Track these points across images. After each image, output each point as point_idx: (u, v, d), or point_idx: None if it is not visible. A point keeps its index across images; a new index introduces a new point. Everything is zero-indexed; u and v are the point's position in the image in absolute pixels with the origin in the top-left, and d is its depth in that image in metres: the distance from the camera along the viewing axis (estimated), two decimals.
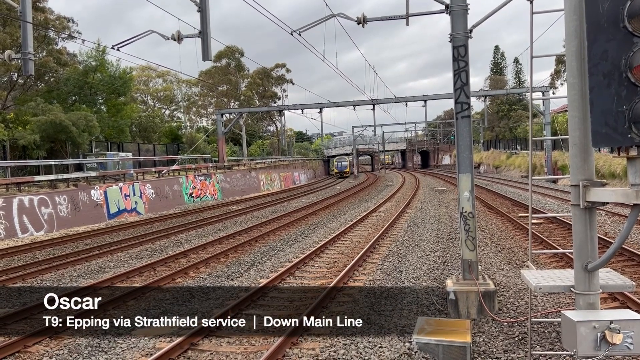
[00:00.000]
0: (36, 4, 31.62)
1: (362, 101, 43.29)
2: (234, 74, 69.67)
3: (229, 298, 9.20)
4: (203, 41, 14.66)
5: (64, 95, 37.49)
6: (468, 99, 8.17)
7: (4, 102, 37.74)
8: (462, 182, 8.18)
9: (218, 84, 66.76)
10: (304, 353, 6.38)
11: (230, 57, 66.50)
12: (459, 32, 8.17)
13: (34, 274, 12.09)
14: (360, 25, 10.43)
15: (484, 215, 19.42)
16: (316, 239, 15.66)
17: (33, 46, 14.61)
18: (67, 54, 39.83)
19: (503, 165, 58.51)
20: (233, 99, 69.43)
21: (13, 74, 37.23)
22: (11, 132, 28.50)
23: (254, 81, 71.08)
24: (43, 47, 36.27)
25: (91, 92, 38.72)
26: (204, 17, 14.71)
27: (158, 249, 15.20)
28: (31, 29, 13.78)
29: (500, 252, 12.54)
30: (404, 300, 8.49)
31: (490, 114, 69.16)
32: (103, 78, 38.98)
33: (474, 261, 8.10)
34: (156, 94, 69.29)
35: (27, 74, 14.61)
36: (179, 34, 15.33)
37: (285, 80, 74.43)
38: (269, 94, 72.88)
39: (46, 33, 35.42)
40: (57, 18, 37.28)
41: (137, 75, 59.28)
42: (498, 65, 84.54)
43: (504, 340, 6.78)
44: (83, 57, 40.55)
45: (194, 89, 72.85)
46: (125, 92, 42.30)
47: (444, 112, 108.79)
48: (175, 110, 71.48)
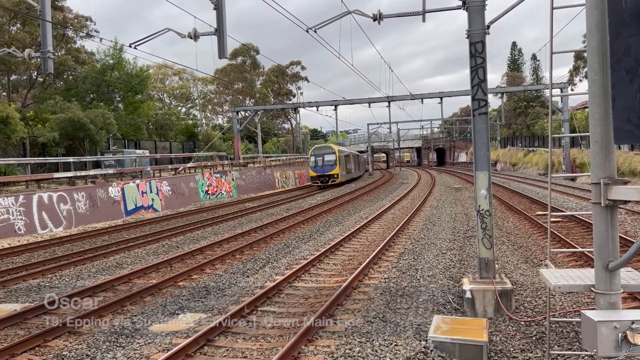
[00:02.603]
0: (55, 3, 32.01)
1: (378, 98, 43.12)
2: (249, 71, 69.89)
3: (245, 295, 9.24)
4: (219, 39, 14.71)
5: (82, 93, 37.98)
6: (485, 95, 8.08)
7: (24, 100, 38.35)
8: (479, 180, 8.10)
9: (233, 81, 67.04)
10: (319, 350, 6.37)
11: (246, 55, 66.72)
12: (477, 28, 8.08)
13: (53, 270, 12.26)
14: (376, 22, 10.37)
15: (501, 213, 19.24)
16: (331, 236, 15.65)
17: (52, 45, 14.78)
18: (85, 52, 40.36)
19: (520, 162, 57.86)
20: (248, 96, 69.68)
21: (33, 73, 37.81)
22: (31, 129, 28.95)
23: (269, 79, 71.25)
24: (62, 45, 36.77)
25: (109, 90, 39.16)
26: (220, 15, 14.76)
27: (174, 246, 15.32)
28: (50, 27, 13.95)
29: (517, 251, 12.40)
30: (420, 299, 8.45)
31: (508, 111, 68.45)
32: (120, 76, 39.39)
33: (491, 259, 8.02)
34: (172, 92, 69.82)
35: (47, 72, 14.79)
36: (195, 31, 15.40)
37: (300, 77, 74.52)
38: (283, 91, 73.01)
39: (65, 32, 35.87)
40: (76, 17, 37.75)
41: (153, 73, 59.79)
42: (515, 61, 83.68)
43: (521, 340, 6.71)
44: (101, 55, 41.05)
45: (210, 87, 73.32)
46: (142, 90, 42.72)
47: (460, 109, 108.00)
48: (191, 107, 72.02)
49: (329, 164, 41.58)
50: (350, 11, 11.25)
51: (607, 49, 4.20)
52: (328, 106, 45.26)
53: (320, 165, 41.65)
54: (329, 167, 41.55)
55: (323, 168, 41.48)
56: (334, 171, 41.58)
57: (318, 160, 42.08)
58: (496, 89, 48.62)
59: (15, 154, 27.54)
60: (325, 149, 43.28)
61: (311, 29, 12.29)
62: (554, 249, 9.40)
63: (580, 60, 57.63)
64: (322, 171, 41.45)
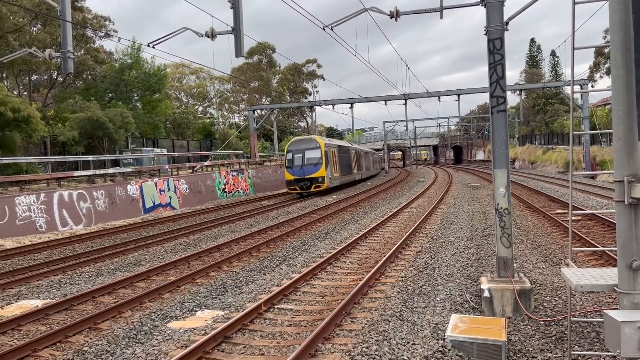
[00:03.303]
0: (75, 4, 32.43)
1: (394, 96, 42.91)
2: (266, 70, 70.12)
3: (262, 292, 9.28)
4: (236, 38, 14.77)
5: (101, 93, 38.46)
6: (504, 92, 7.99)
7: (44, 99, 38.99)
8: (497, 178, 8.01)
9: (250, 80, 67.33)
10: (336, 348, 6.37)
11: (262, 54, 66.94)
12: (495, 24, 7.98)
13: (74, 267, 12.45)
14: (393, 19, 10.32)
15: (519, 212, 19.02)
16: (347, 234, 15.63)
17: (72, 45, 14.98)
18: (103, 52, 40.85)
19: (539, 160, 57.15)
20: (264, 95, 69.91)
21: (53, 72, 38.40)
22: (51, 128, 29.41)
23: (285, 77, 71.41)
24: (81, 45, 37.27)
25: (127, 89, 39.58)
26: (237, 14, 14.81)
27: (192, 243, 15.45)
28: (70, 28, 14.15)
29: (536, 250, 12.25)
30: (437, 297, 8.39)
31: (526, 108, 67.66)
32: (138, 75, 39.79)
33: (510, 258, 7.93)
34: (189, 91, 70.36)
35: (67, 71, 15.01)
36: (212, 30, 15.49)
37: (316, 75, 74.59)
38: (300, 89, 73.11)
39: (84, 32, 36.34)
40: (95, 17, 38.23)
41: (171, 73, 60.31)
42: (534, 58, 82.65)
43: (541, 340, 6.62)
44: (119, 55, 41.51)
45: (227, 86, 73.74)
46: (160, 89, 43.10)
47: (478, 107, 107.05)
48: (208, 106, 72.53)
49: (311, 163, 31.03)
50: (366, 8, 11.20)
51: (631, 44, 4.12)
52: (344, 104, 45.20)
53: (299, 165, 31.12)
54: (311, 168, 30.97)
55: (303, 169, 31.03)
56: (317, 173, 30.88)
57: (296, 157, 31.51)
58: (514, 86, 48.04)
59: (37, 152, 28.03)
60: (306, 142, 32.51)
61: (327, 26, 12.28)
62: (576, 248, 9.25)
63: (600, 57, 56.75)
64: (301, 173, 30.96)
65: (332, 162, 33.42)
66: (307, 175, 30.98)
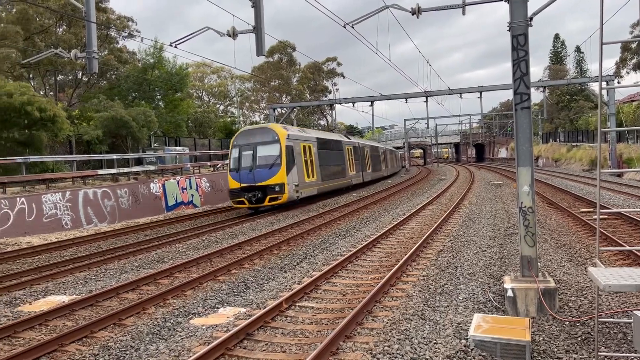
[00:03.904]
0: (99, 5, 32.95)
1: (415, 93, 42.59)
2: (286, 68, 70.30)
3: (283, 290, 9.32)
4: (257, 36, 14.82)
5: (124, 92, 39.03)
6: (528, 89, 7.87)
7: (69, 99, 39.74)
8: (521, 176, 7.90)
9: (270, 79, 67.59)
10: (358, 347, 6.36)
11: (282, 52, 67.13)
12: (519, 20, 7.86)
13: (99, 263, 12.67)
14: (414, 16, 10.25)
15: (543, 210, 18.73)
16: (368, 232, 15.59)
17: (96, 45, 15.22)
18: (127, 52, 41.42)
19: (563, 158, 56.17)
20: (285, 93, 70.12)
21: (78, 73, 39.09)
22: (76, 128, 29.97)
23: (305, 75, 71.50)
24: (105, 46, 37.85)
25: (150, 88, 40.09)
26: (258, 13, 14.86)
27: (214, 241, 15.59)
28: (95, 28, 14.38)
29: (560, 249, 12.05)
30: (460, 297, 8.32)
31: (550, 105, 66.54)
32: (161, 75, 40.26)
33: (534, 257, 7.82)
34: (211, 90, 70.92)
35: (92, 71, 15.25)
36: (234, 30, 15.57)
37: (336, 73, 74.53)
38: (320, 88, 73.13)
39: (108, 32, 36.89)
40: (118, 18, 38.79)
41: (192, 72, 60.86)
42: (558, 54, 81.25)
43: (566, 340, 6.52)
44: (142, 54, 42.06)
45: (247, 85, 74.13)
46: (182, 89, 43.54)
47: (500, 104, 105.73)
48: (229, 105, 73.00)
49: (265, 164, 21.99)
50: (387, 6, 11.14)
51: None
52: (364, 102, 44.92)
53: (248, 168, 22.06)
54: (264, 172, 21.83)
55: (252, 173, 21.90)
56: (274, 179, 21.73)
57: (244, 155, 22.30)
58: (538, 83, 47.22)
59: (62, 151, 28.60)
60: (260, 133, 22.96)
61: (348, 24, 12.25)
62: (603, 247, 9.06)
63: (627, 52, 55.48)
64: (250, 179, 21.84)
65: (303, 161, 24.29)
66: (258, 182, 21.51)
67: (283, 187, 21.93)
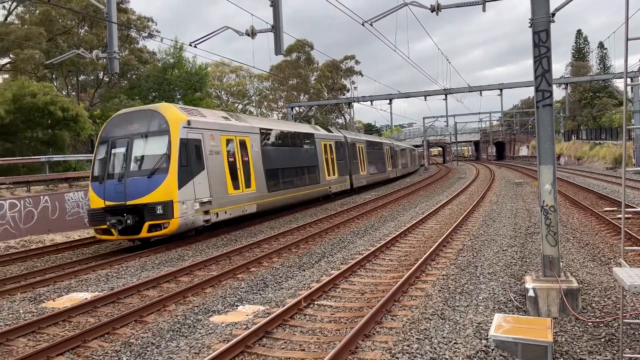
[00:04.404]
0: (119, 5, 33.41)
1: (434, 91, 42.33)
2: (304, 67, 70.42)
3: (301, 288, 9.33)
4: (275, 35, 14.87)
5: (144, 92, 39.50)
6: (550, 86, 7.75)
7: (91, 99, 40.39)
8: (543, 174, 7.78)
9: (288, 77, 67.77)
10: (377, 346, 6.34)
11: (300, 51, 67.26)
12: (541, 16, 7.75)
13: (120, 261, 12.84)
14: (433, 13, 10.17)
15: (565, 209, 18.44)
16: (386, 231, 15.53)
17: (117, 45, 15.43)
18: (147, 52, 41.92)
19: (586, 156, 55.21)
20: (303, 92, 70.25)
21: (99, 73, 39.69)
22: (98, 127, 30.41)
23: (323, 74, 71.55)
24: (125, 46, 38.35)
25: (170, 88, 40.50)
26: (277, 12, 14.91)
27: (233, 239, 15.69)
28: (116, 29, 14.58)
29: (583, 248, 11.85)
30: (480, 296, 8.24)
31: (572, 102, 65.48)
32: (180, 74, 40.63)
33: (556, 257, 7.70)
34: (230, 89, 71.38)
35: (113, 71, 15.47)
36: (252, 29, 15.65)
37: (354, 72, 74.43)
38: (337, 86, 73.12)
39: (128, 33, 37.37)
40: (138, 18, 39.29)
41: (211, 71, 61.32)
42: (580, 50, 79.89)
43: (589, 341, 6.41)
44: (162, 54, 42.50)
45: (265, 84, 74.45)
46: (202, 88, 43.87)
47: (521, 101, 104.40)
48: (247, 104, 73.40)
49: (143, 172, 14.18)
50: (406, 3, 11.07)
51: None
52: (382, 100, 44.87)
53: (116, 176, 14.31)
54: (141, 184, 13.95)
55: (123, 185, 14.02)
56: (154, 195, 13.80)
57: (113, 157, 14.69)
58: (560, 80, 46.55)
59: (84, 150, 29.10)
60: (138, 119, 14.84)
61: (367, 22, 12.21)
62: (628, 247, 8.88)
63: None
64: (119, 195, 13.97)
65: (227, 165, 16.63)
66: (129, 199, 13.85)
67: (170, 208, 13.69)
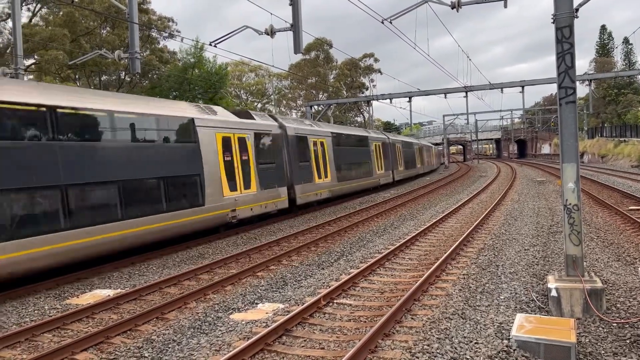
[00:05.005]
0: (140, 6, 33.81)
1: (454, 88, 41.93)
2: (323, 65, 70.40)
3: (321, 286, 9.34)
4: (294, 34, 14.90)
5: (165, 92, 39.93)
6: (573, 83, 7.62)
7: None
8: (566, 173, 7.66)
9: (307, 76, 67.80)
10: (397, 345, 6.32)
11: (319, 49, 67.24)
12: (564, 11, 7.61)
13: (142, 259, 13.00)
14: (454, 10, 10.07)
15: (589, 208, 18.12)
16: (406, 230, 15.45)
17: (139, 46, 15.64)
18: (167, 52, 42.36)
19: (610, 154, 54.14)
20: (321, 90, 70.23)
21: (121, 73, 40.24)
22: None
23: (342, 72, 71.42)
24: (147, 46, 38.81)
25: (190, 87, 40.88)
26: (296, 10, 14.94)
27: (252, 237, 15.77)
28: (137, 29, 14.76)
29: (607, 248, 11.63)
30: (501, 296, 8.14)
31: (596, 99, 64.26)
32: (201, 74, 40.97)
33: (579, 257, 7.58)
34: (249, 88, 71.72)
35: (135, 71, 15.69)
36: (272, 28, 15.71)
37: (373, 70, 74.11)
38: (356, 84, 72.91)
39: (149, 33, 37.82)
40: (159, 18, 39.72)
41: (231, 71, 61.68)
42: (605, 46, 78.40)
43: (614, 342, 6.29)
44: (182, 54, 42.92)
45: (284, 82, 74.61)
46: (221, 87, 44.16)
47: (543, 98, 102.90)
48: (266, 103, 73.65)
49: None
50: (426, 0, 10.99)
51: None
52: (402, 98, 44.60)
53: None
54: None
55: None
56: None
57: None
58: (584, 76, 45.71)
59: None
60: None
61: (386, 20, 12.15)
62: None
63: None
64: None
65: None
66: None
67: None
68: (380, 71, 73.66)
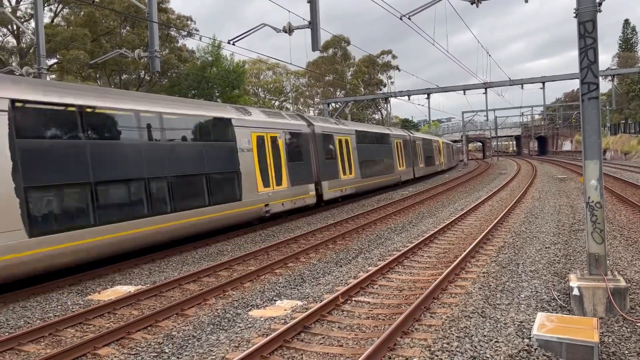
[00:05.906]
0: (159, 5, 34.14)
1: (474, 85, 41.47)
2: (340, 63, 70.28)
3: (339, 284, 9.34)
4: (312, 32, 14.89)
5: (184, 90, 40.27)
6: (596, 78, 7.48)
7: None
8: (588, 170, 7.53)
9: (325, 73, 67.75)
10: (416, 343, 6.29)
11: (337, 46, 67.16)
12: (586, 5, 7.47)
13: (161, 256, 13.14)
14: (473, 5, 9.96)
15: (612, 206, 17.79)
16: (424, 228, 15.36)
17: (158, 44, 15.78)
18: (186, 50, 42.69)
19: (633, 151, 53.09)
20: (339, 88, 70.14)
21: (141, 72, 40.68)
22: None
23: (359, 69, 71.24)
24: (166, 45, 39.17)
25: (208, 85, 41.16)
26: (314, 8, 14.92)
27: (270, 235, 15.83)
28: (157, 28, 14.90)
29: (631, 246, 11.41)
30: (522, 295, 8.05)
31: (619, 95, 63.02)
32: (219, 72, 41.21)
33: (602, 255, 7.44)
34: (267, 86, 71.96)
35: (154, 70, 15.84)
36: (290, 25, 15.71)
37: (391, 66, 73.78)
38: (374, 81, 72.67)
39: (168, 32, 38.15)
40: (178, 17, 40.04)
41: (249, 69, 61.95)
42: (628, 40, 76.85)
43: (638, 342, 6.17)
44: (200, 52, 43.21)
45: (302, 80, 74.69)
46: (239, 85, 44.38)
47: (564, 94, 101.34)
48: (284, 101, 73.84)
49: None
50: None
51: None
52: (420, 95, 44.28)
53: None
54: None
55: None
56: None
57: None
58: (607, 72, 44.81)
59: None
60: None
61: (405, 16, 12.07)
62: None
63: None
64: None
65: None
66: None
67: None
68: (398, 68, 73.32)
